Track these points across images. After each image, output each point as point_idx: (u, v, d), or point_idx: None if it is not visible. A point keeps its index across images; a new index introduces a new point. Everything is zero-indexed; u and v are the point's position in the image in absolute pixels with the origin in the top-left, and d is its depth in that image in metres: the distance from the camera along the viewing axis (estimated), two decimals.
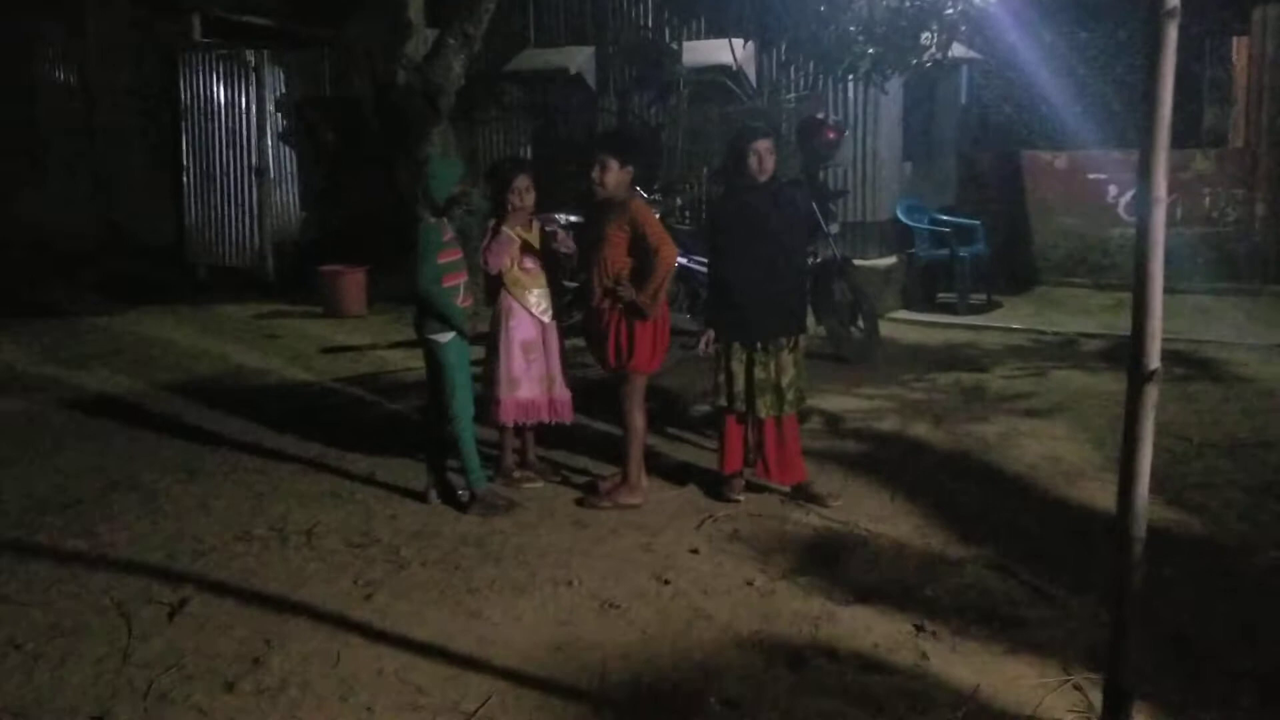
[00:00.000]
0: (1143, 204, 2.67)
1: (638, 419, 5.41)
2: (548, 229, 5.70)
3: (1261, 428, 6.57)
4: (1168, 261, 2.71)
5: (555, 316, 5.72)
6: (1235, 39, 11.50)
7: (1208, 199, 11.22)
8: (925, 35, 8.72)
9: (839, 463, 6.08)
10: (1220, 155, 11.31)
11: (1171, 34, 2.61)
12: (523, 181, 5.55)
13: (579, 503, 5.44)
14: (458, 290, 5.29)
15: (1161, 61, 2.62)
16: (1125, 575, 2.74)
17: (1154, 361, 2.65)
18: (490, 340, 5.65)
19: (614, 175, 5.25)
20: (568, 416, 5.77)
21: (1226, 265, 10.97)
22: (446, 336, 5.30)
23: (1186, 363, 8.27)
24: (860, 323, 8.66)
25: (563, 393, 5.72)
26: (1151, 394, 2.64)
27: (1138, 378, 2.61)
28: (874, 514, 5.30)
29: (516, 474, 5.79)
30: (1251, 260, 11.02)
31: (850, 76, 9.01)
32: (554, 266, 5.71)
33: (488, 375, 5.64)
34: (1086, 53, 11.86)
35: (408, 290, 5.36)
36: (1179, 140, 11.43)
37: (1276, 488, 5.54)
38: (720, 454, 5.57)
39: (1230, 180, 11.17)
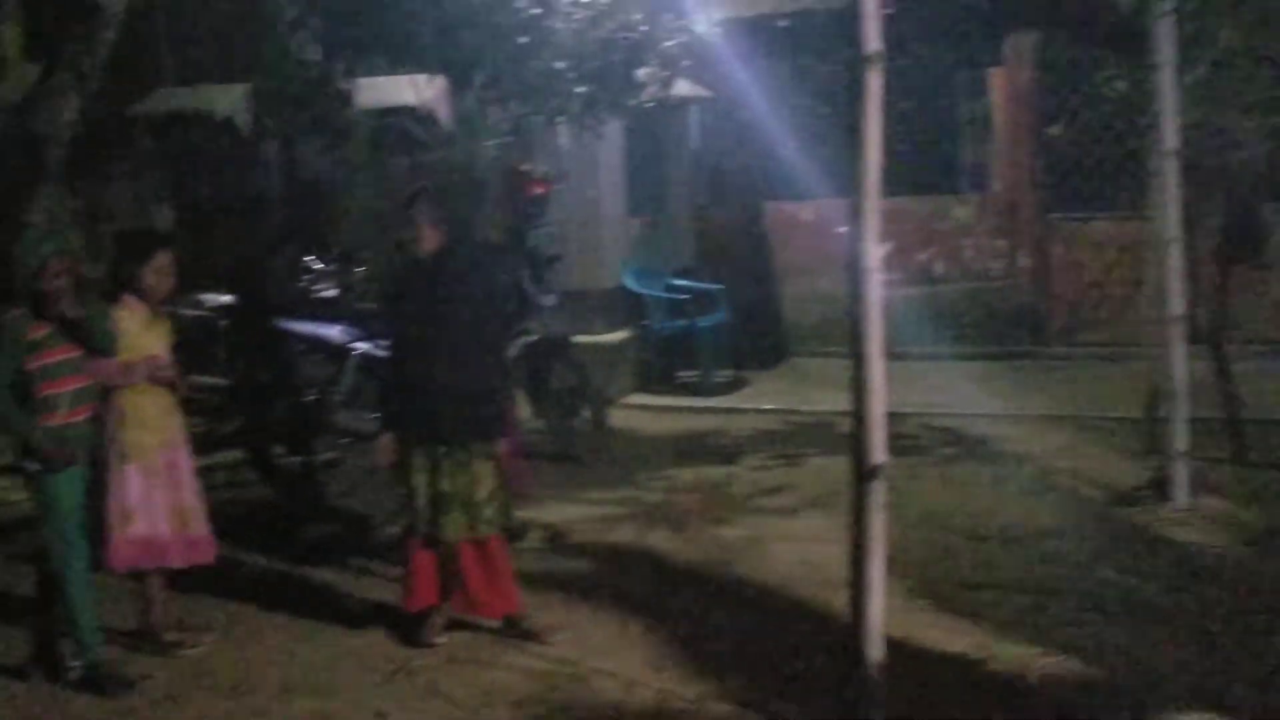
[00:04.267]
0: (855, 274, 2.83)
1: None
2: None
3: (1040, 515, 7.06)
4: (929, 324, 2.89)
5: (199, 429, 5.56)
6: (992, 70, 12.48)
7: (969, 251, 12.09)
8: (643, 71, 9.08)
9: (563, 587, 6.11)
10: (980, 202, 12.23)
11: (875, 81, 2.80)
12: (163, 260, 5.41)
13: None
14: (59, 402, 5.02)
15: (865, 111, 2.80)
16: (865, 707, 2.85)
17: (879, 455, 2.79)
18: (99, 459, 5.38)
19: None
20: (206, 557, 5.57)
21: (993, 325, 11.80)
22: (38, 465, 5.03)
23: (955, 440, 8.82)
24: (586, 412, 8.77)
25: (200, 529, 5.52)
26: (878, 493, 2.78)
27: (862, 475, 2.75)
28: (603, 648, 5.34)
29: (171, 635, 5.54)
30: (1019, 319, 11.90)
31: (561, 118, 9.23)
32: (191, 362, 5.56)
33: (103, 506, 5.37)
34: (830, 89, 12.57)
35: None
36: (936, 186, 12.43)
37: (1052, 582, 5.94)
38: (406, 587, 5.51)
39: (992, 229, 12.08)
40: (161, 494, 5.41)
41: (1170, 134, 6.85)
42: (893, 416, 8.70)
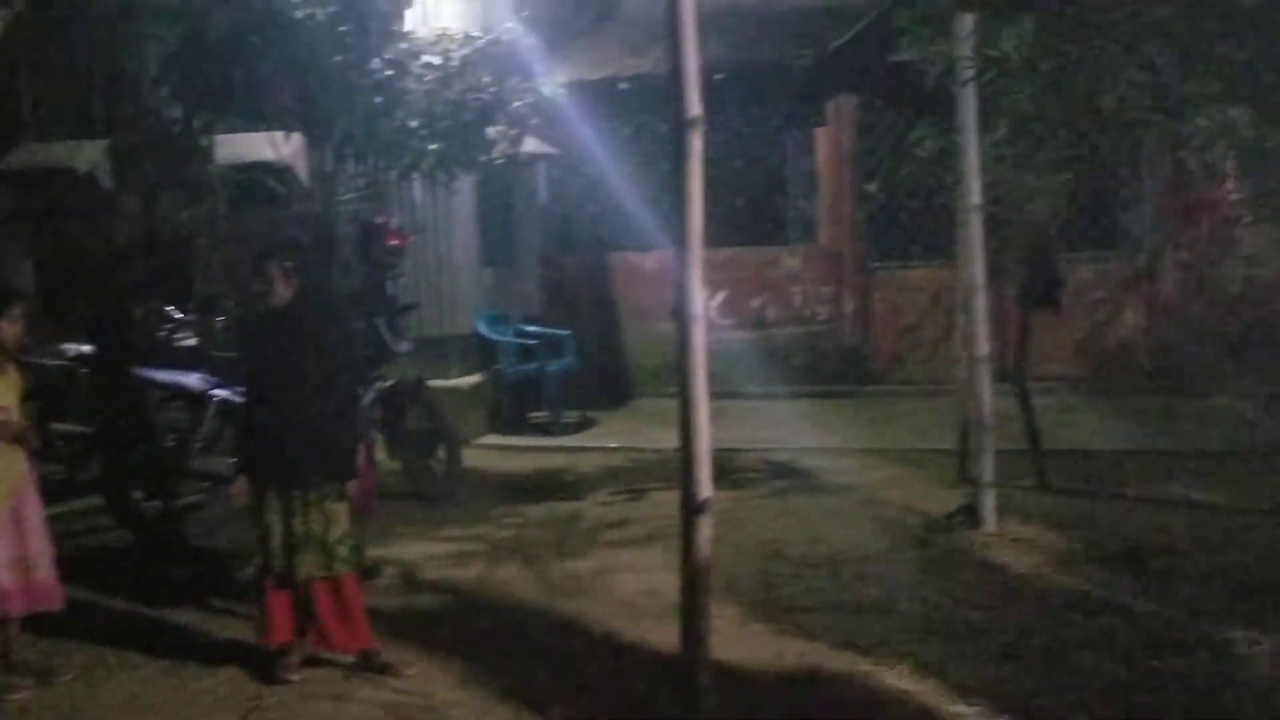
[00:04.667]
0: (681, 321, 2.86)
1: None
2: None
3: (863, 541, 7.18)
4: (762, 366, 2.93)
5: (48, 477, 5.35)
6: (816, 131, 12.79)
7: (798, 298, 12.36)
8: (493, 129, 9.09)
9: (417, 622, 6.02)
10: (808, 252, 12.51)
11: (696, 143, 2.85)
12: (13, 311, 5.26)
13: None
14: None
15: (688, 170, 2.84)
16: None
17: (705, 490, 2.82)
18: None
19: None
20: (52, 604, 5.35)
21: (821, 366, 12.09)
22: None
23: (787, 474, 8.95)
24: (441, 453, 8.68)
25: (45, 577, 5.30)
26: (705, 527, 2.80)
27: (689, 509, 2.77)
28: (455, 680, 5.27)
29: None
30: (844, 360, 12.20)
31: (415, 174, 9.18)
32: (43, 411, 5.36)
33: None
34: (667, 147, 12.72)
35: None
36: (767, 238, 12.68)
37: (875, 604, 6.05)
38: (261, 624, 5.39)
39: (819, 278, 12.37)
40: (3, 544, 5.18)
41: (974, 190, 7.10)
42: (728, 452, 8.82)
